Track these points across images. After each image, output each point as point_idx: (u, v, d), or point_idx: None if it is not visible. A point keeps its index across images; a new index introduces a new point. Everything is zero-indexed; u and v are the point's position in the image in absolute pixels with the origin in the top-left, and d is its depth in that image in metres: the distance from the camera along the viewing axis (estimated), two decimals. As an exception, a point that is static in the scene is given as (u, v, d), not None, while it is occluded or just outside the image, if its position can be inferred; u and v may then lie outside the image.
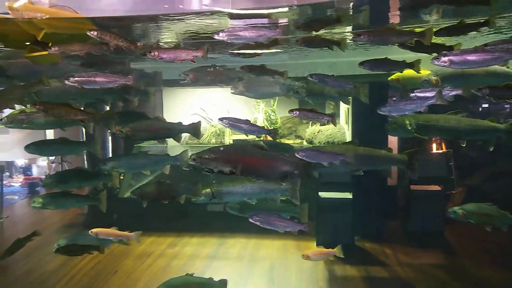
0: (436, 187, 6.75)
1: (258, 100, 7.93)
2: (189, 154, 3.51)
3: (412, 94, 3.79)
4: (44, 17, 2.63)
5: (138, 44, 2.74)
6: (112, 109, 3.83)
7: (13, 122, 3.55)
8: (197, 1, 2.93)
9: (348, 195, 6.16)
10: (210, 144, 8.89)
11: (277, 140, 6.04)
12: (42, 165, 11.65)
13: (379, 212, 6.73)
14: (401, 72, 3.86)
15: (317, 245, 6.27)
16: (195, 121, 4.21)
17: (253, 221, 3.29)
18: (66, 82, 2.76)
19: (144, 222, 6.29)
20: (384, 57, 3.52)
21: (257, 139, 4.41)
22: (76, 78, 2.78)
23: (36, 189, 10.26)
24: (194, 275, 3.75)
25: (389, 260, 5.87)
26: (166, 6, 2.80)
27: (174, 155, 4.15)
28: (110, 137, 7.98)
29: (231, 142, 8.59)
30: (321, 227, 6.15)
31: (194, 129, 4.04)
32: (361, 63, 3.49)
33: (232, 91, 3.49)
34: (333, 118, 3.82)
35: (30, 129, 3.83)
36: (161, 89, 8.22)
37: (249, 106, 8.23)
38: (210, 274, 5.62)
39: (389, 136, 6.70)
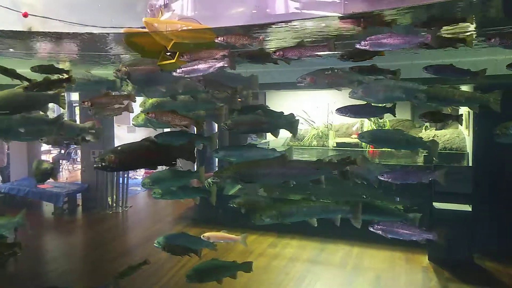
0: None
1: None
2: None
3: None
4: (179, 29, 2.92)
5: (260, 37, 2.88)
6: (224, 105, 4.01)
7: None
8: (307, 5, 2.91)
9: (467, 207, 5.60)
10: (312, 146, 8.86)
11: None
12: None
13: (504, 228, 5.97)
14: None
15: (429, 259, 5.81)
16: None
17: (374, 230, 3.03)
18: (174, 74, 3.02)
19: (247, 219, 6.52)
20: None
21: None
22: (182, 69, 3.04)
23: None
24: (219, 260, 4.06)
25: (516, 284, 5.17)
26: (282, 13, 2.85)
27: (279, 151, 4.23)
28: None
29: (335, 145, 8.45)
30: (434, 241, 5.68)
31: (291, 126, 4.03)
32: (509, 65, 3.03)
33: (350, 95, 3.37)
34: (459, 118, 3.50)
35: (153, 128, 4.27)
36: (260, 91, 8.41)
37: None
38: (311, 279, 5.62)
39: None
